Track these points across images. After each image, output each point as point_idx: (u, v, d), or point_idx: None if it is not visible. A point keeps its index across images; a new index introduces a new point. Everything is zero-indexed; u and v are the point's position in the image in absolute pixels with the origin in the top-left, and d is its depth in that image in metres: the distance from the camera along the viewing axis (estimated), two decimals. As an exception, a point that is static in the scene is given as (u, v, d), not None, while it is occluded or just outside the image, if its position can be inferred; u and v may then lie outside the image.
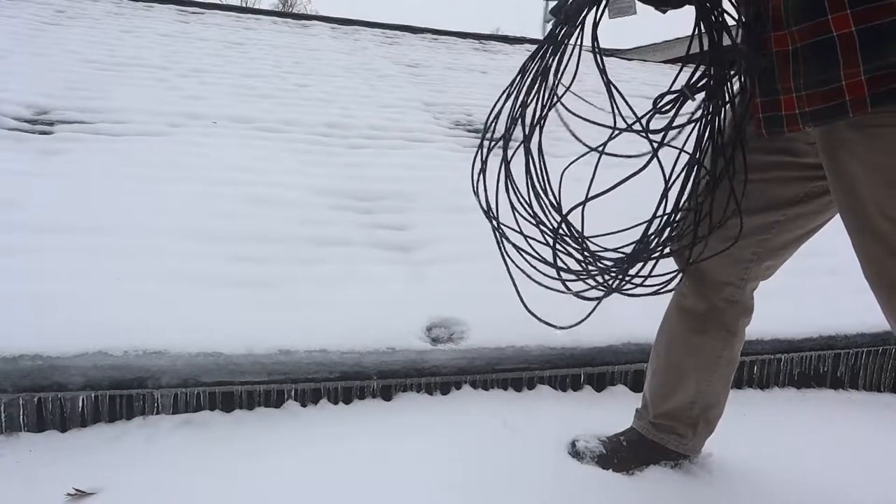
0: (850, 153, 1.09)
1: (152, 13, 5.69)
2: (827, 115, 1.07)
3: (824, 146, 1.15)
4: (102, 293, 1.85)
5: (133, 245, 2.11)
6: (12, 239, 2.04)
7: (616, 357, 2.05)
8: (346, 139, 3.44)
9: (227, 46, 4.97)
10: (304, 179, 2.84)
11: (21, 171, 2.50)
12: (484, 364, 1.93)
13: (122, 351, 1.67)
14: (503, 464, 1.56)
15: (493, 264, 2.35)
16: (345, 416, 1.77)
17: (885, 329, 2.28)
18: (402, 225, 2.62)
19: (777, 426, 1.91)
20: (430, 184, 2.98)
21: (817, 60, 1.05)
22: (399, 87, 4.63)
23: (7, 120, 2.95)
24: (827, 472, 1.65)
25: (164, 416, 1.69)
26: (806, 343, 2.24)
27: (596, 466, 1.57)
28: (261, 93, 3.94)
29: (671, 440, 1.57)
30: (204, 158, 2.88)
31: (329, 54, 5.31)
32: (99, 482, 1.40)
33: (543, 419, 1.78)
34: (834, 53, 1.02)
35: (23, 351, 1.60)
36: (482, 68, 5.73)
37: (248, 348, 1.76)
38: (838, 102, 1.04)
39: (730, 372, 1.54)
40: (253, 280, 2.05)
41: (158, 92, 3.65)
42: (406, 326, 1.96)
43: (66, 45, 4.26)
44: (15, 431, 1.60)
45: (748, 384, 2.22)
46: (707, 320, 1.46)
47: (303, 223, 2.47)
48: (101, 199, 2.37)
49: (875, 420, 2.06)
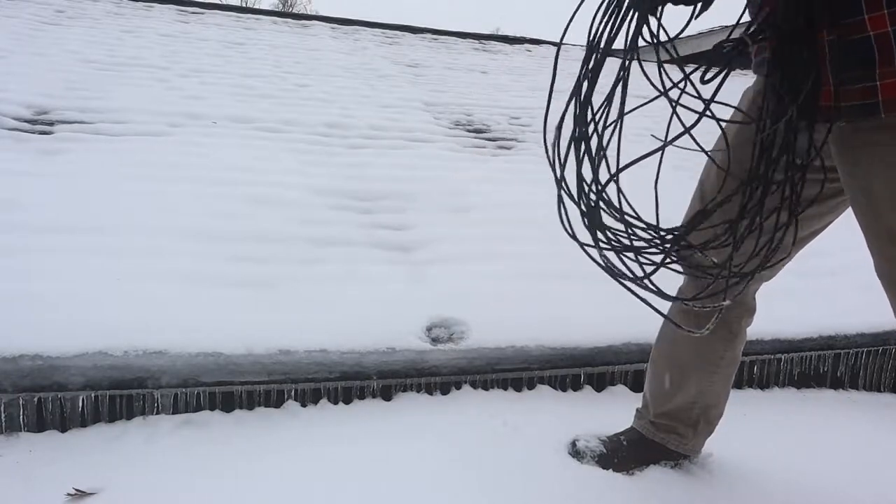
0: (872, 154, 1.08)
1: (152, 13, 5.69)
2: (859, 112, 1.06)
3: (844, 145, 1.13)
4: (102, 293, 1.85)
5: (133, 245, 2.11)
6: (12, 239, 2.04)
7: (616, 357, 2.05)
8: (346, 139, 3.44)
9: (227, 46, 4.97)
10: (304, 179, 2.84)
11: (21, 171, 2.50)
12: (484, 364, 1.93)
13: (122, 351, 1.67)
14: (503, 464, 1.56)
15: (493, 264, 2.37)
16: (345, 416, 1.77)
17: (885, 329, 2.28)
18: (402, 225, 2.62)
19: (777, 426, 1.91)
20: (430, 184, 2.98)
21: (854, 57, 1.04)
22: (399, 87, 4.63)
23: (7, 120, 2.95)
24: (827, 472, 1.65)
25: (164, 416, 1.69)
26: (806, 343, 2.24)
27: (596, 466, 1.57)
28: (261, 93, 3.94)
29: (671, 440, 1.57)
30: (204, 158, 2.88)
31: (329, 54, 5.31)
32: (99, 482, 1.40)
33: (543, 419, 1.78)
34: (871, 52, 1.01)
35: (23, 351, 1.60)
36: (482, 68, 5.73)
37: (248, 348, 1.76)
38: (871, 102, 1.03)
39: (731, 372, 1.54)
40: (253, 280, 2.05)
41: (158, 92, 3.65)
42: (406, 326, 1.96)
43: (66, 45, 4.26)
44: (15, 431, 1.60)
45: (748, 384, 2.22)
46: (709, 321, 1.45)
47: (303, 223, 2.47)
48: (101, 199, 2.37)
49: (875, 420, 2.06)
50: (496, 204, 2.87)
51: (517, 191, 3.05)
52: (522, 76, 5.59)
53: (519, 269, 2.35)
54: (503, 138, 3.90)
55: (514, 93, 4.96)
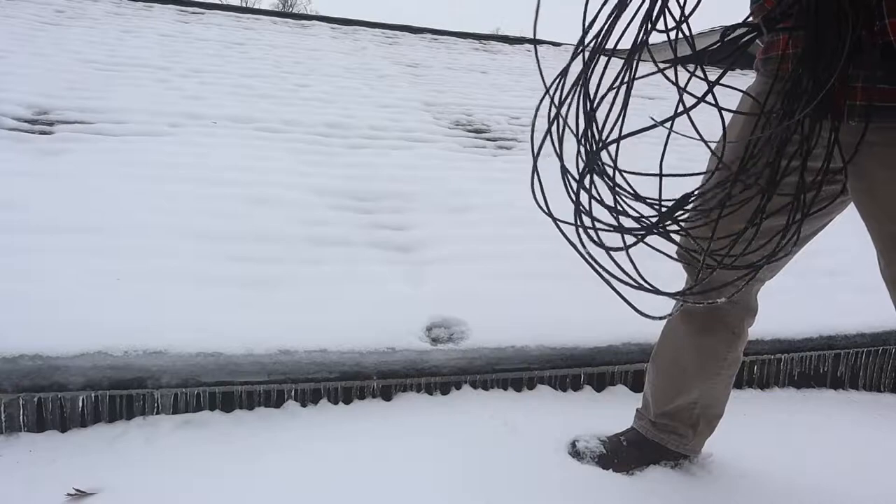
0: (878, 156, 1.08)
1: (152, 13, 5.69)
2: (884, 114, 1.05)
3: (850, 146, 1.12)
4: (102, 293, 1.85)
5: (133, 245, 2.11)
6: (12, 239, 2.04)
7: (616, 357, 2.05)
8: (346, 139, 3.43)
9: (227, 46, 4.97)
10: (304, 179, 2.84)
11: (21, 171, 2.50)
12: (484, 364, 1.93)
13: (122, 351, 1.67)
14: (503, 464, 1.56)
15: (493, 264, 2.37)
16: (345, 416, 1.77)
17: (885, 329, 2.28)
18: (402, 225, 2.62)
19: (777, 426, 1.91)
20: (430, 184, 2.98)
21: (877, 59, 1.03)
22: (399, 88, 4.63)
23: (7, 120, 2.95)
24: (827, 472, 1.65)
25: (163, 416, 1.69)
26: (806, 343, 2.24)
27: (596, 466, 1.57)
28: (261, 93, 3.94)
29: (671, 440, 1.57)
30: (204, 158, 2.88)
31: (329, 54, 5.31)
32: (99, 482, 1.40)
33: (543, 419, 1.78)
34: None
35: (23, 351, 1.60)
36: (482, 68, 5.73)
37: (248, 348, 1.76)
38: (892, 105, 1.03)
39: (732, 373, 1.54)
40: (253, 280, 2.05)
41: (158, 92, 3.65)
42: (406, 326, 1.96)
43: (66, 45, 4.26)
44: (15, 431, 1.60)
45: (748, 384, 2.22)
46: (711, 322, 1.45)
47: (303, 223, 2.47)
48: (101, 199, 2.37)
49: (875, 420, 2.06)
50: (496, 204, 2.87)
51: (517, 191, 3.04)
52: (522, 76, 5.59)
53: (519, 269, 2.35)
54: (503, 138, 3.90)
55: (514, 93, 4.96)
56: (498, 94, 4.88)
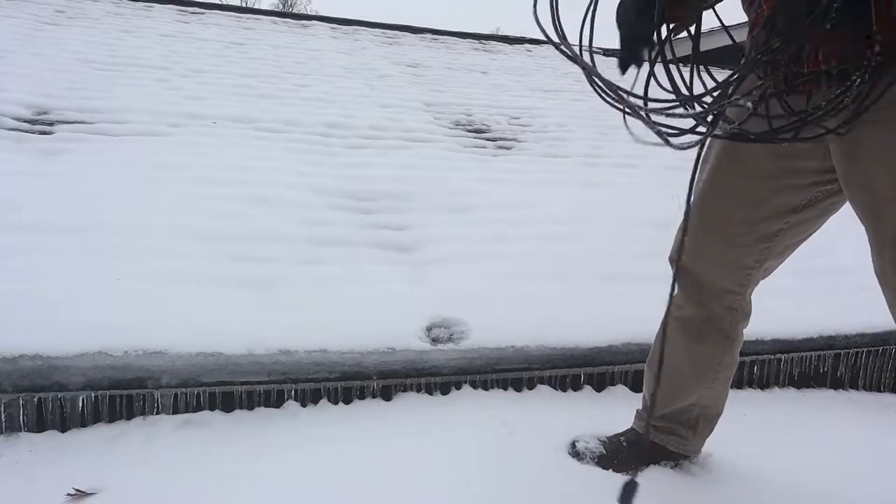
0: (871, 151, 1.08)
1: (152, 13, 5.69)
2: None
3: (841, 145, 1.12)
4: (102, 293, 1.85)
5: (133, 245, 2.11)
6: (12, 239, 2.04)
7: (616, 357, 2.05)
8: (346, 139, 3.44)
9: (227, 46, 4.97)
10: (304, 179, 2.84)
11: (21, 171, 2.50)
12: (484, 364, 1.93)
13: (122, 351, 1.67)
14: (503, 464, 1.56)
15: (493, 264, 2.37)
16: (345, 416, 1.77)
17: (885, 329, 2.28)
18: (402, 225, 2.62)
19: (777, 426, 1.91)
20: (430, 184, 2.98)
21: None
22: (399, 88, 4.63)
23: (7, 120, 2.95)
24: (827, 472, 1.65)
25: (163, 416, 1.69)
26: (806, 343, 2.24)
27: (596, 467, 1.57)
28: (261, 93, 3.94)
29: (671, 441, 1.57)
30: (204, 158, 2.88)
31: (329, 54, 5.31)
32: (99, 482, 1.40)
33: (543, 419, 1.78)
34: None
35: (23, 351, 1.60)
36: (482, 68, 5.73)
37: (248, 348, 1.76)
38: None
39: (730, 375, 1.54)
40: (253, 280, 2.05)
41: (158, 92, 3.65)
42: (406, 326, 1.96)
43: (66, 45, 4.26)
44: (15, 431, 1.60)
45: (748, 384, 2.22)
46: (706, 329, 1.45)
47: (303, 223, 2.47)
48: (101, 199, 2.37)
49: (875, 420, 2.06)
50: (496, 204, 2.87)
51: (517, 191, 3.05)
52: (522, 76, 5.60)
53: (519, 269, 2.35)
54: (503, 138, 3.90)
55: (514, 93, 4.96)
56: (498, 94, 4.88)
